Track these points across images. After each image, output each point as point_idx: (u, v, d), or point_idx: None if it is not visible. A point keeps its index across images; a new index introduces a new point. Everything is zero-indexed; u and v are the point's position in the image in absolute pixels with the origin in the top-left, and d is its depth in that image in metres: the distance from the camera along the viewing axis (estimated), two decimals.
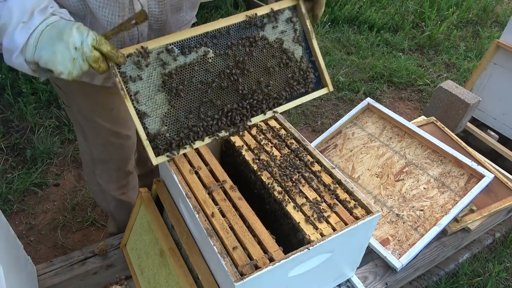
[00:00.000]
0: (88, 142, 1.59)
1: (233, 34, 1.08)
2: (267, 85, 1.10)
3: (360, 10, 4.62)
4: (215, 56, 1.06)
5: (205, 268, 1.15)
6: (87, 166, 1.72)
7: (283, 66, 1.11)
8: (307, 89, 1.15)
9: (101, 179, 1.71)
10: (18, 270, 1.34)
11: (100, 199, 1.83)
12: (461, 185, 1.76)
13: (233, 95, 1.07)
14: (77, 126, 1.59)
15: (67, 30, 0.89)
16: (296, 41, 1.13)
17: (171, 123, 1.04)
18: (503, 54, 2.61)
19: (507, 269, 2.25)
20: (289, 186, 1.22)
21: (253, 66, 1.09)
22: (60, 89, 1.44)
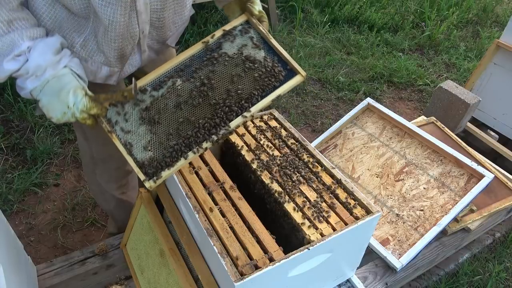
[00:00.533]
0: (88, 141, 1.59)
1: (196, 61, 1.20)
2: (236, 90, 1.17)
3: (360, 10, 4.62)
4: (182, 83, 1.17)
5: (205, 268, 1.15)
6: (87, 166, 1.72)
7: (248, 71, 1.18)
8: (279, 80, 1.21)
9: (101, 179, 1.71)
10: (18, 270, 1.34)
11: (100, 199, 1.83)
12: (461, 185, 1.76)
13: (207, 109, 1.15)
14: (76, 126, 1.60)
15: (65, 91, 1.07)
16: (255, 47, 1.21)
17: (155, 148, 1.13)
18: (503, 54, 2.61)
19: (507, 269, 2.25)
20: (289, 186, 1.22)
21: (219, 79, 1.18)
22: None
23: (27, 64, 1.05)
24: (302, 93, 3.47)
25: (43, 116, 2.73)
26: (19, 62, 1.05)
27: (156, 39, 1.29)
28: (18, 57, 1.04)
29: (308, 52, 3.92)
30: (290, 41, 4.07)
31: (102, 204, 1.89)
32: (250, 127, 1.43)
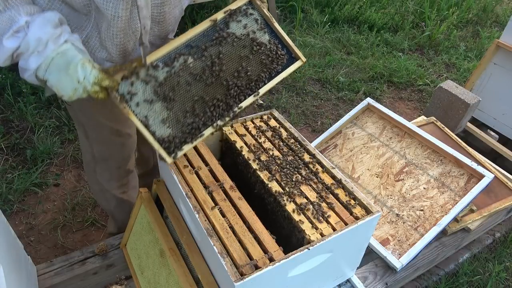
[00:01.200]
0: (89, 140, 1.60)
1: (204, 39, 1.21)
2: (246, 72, 1.23)
3: (360, 10, 4.62)
4: (194, 61, 1.19)
5: (205, 268, 1.15)
6: (88, 165, 1.73)
7: (255, 53, 1.24)
8: (282, 66, 1.28)
9: (102, 178, 1.71)
10: (18, 270, 1.34)
11: (100, 198, 1.83)
12: (461, 185, 1.76)
13: (219, 89, 1.20)
14: (78, 125, 1.60)
15: (73, 65, 1.03)
16: (260, 29, 1.26)
17: (173, 124, 1.15)
18: (503, 54, 2.61)
19: (507, 269, 2.25)
20: (289, 186, 1.22)
21: (229, 60, 1.22)
22: None
23: (27, 38, 1.01)
24: (302, 93, 3.47)
25: (43, 116, 2.73)
26: (19, 39, 1.02)
27: (157, 34, 1.30)
28: (17, 34, 1.01)
29: (308, 52, 3.92)
30: None
31: (102, 204, 1.89)
32: (250, 127, 1.43)
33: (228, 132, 1.40)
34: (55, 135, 2.65)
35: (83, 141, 1.63)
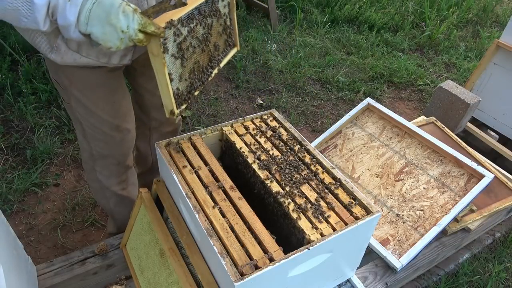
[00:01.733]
0: (87, 138, 1.59)
1: (204, 7, 1.31)
2: (219, 45, 1.40)
3: (360, 10, 4.63)
4: (199, 26, 1.26)
5: (205, 268, 1.15)
6: (87, 164, 1.73)
7: (223, 31, 1.41)
8: (230, 49, 1.47)
9: (101, 175, 1.71)
10: (18, 270, 1.34)
11: (100, 196, 1.83)
12: (461, 185, 1.76)
13: (206, 55, 1.35)
14: (76, 124, 1.60)
15: (114, 14, 1.00)
16: (228, 13, 1.42)
17: (182, 82, 1.25)
18: (503, 54, 2.61)
19: (507, 269, 2.25)
20: (289, 186, 1.22)
21: (214, 32, 1.37)
22: (60, 85, 1.45)
23: None
24: (302, 93, 3.47)
25: (43, 116, 2.73)
26: None
27: None
28: None
29: (308, 52, 3.92)
30: (290, 41, 4.07)
31: (102, 202, 1.89)
32: (250, 127, 1.43)
33: (228, 132, 1.40)
34: (55, 135, 2.65)
35: (82, 140, 1.63)
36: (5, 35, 3.04)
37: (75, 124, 1.61)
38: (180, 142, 1.33)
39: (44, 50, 1.27)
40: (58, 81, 1.45)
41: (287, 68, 3.66)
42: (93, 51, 1.29)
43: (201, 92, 3.22)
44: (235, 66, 3.57)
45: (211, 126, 1.44)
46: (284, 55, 3.83)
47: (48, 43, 1.25)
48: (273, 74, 3.58)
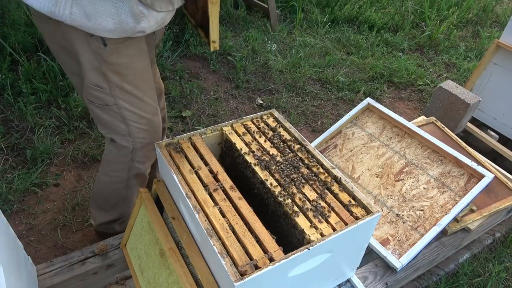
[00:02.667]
0: (132, 135, 1.58)
1: None
2: None
3: (360, 10, 4.63)
4: None
5: (205, 268, 1.15)
6: (121, 160, 1.68)
7: None
8: None
9: (140, 164, 1.71)
10: (18, 270, 1.34)
11: (120, 186, 1.79)
12: (461, 185, 1.76)
13: None
14: (117, 126, 1.56)
15: None
16: None
17: None
18: (503, 54, 2.62)
19: (507, 269, 2.25)
20: (289, 186, 1.22)
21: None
22: (104, 90, 1.45)
23: None
24: (302, 93, 3.47)
25: (43, 116, 2.74)
26: None
27: None
28: None
29: (308, 52, 3.92)
30: (290, 41, 4.07)
31: (118, 192, 1.83)
32: (250, 127, 1.43)
33: (228, 132, 1.40)
34: (55, 135, 2.65)
35: (120, 139, 1.61)
36: (5, 35, 3.04)
37: (114, 128, 1.58)
38: (180, 142, 1.33)
39: (132, 26, 1.31)
40: (102, 87, 1.44)
41: (287, 68, 3.66)
42: (163, 2, 1.36)
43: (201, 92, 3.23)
44: (235, 66, 3.58)
45: (211, 126, 1.44)
46: (284, 55, 3.83)
47: (132, 15, 1.28)
48: (273, 74, 3.58)
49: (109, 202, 1.89)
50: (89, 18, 1.24)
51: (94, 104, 1.51)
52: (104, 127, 1.60)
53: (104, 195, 1.88)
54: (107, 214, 1.94)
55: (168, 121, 2.93)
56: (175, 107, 3.07)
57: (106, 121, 1.57)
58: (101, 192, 1.88)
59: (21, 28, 3.10)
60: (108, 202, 1.89)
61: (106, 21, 1.25)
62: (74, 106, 2.80)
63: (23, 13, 3.20)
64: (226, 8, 4.20)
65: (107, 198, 1.88)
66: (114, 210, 1.93)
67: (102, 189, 1.86)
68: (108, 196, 1.87)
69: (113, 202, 1.89)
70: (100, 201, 1.91)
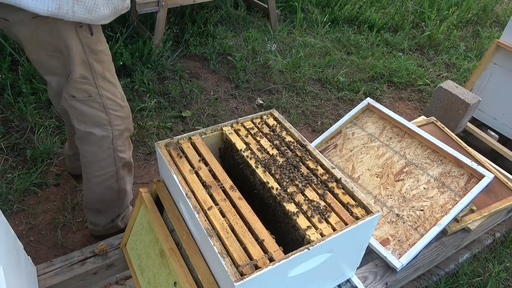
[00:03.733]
0: (112, 122, 1.64)
1: None
2: None
3: (360, 10, 4.63)
4: None
5: (205, 268, 1.15)
6: (105, 150, 1.71)
7: None
8: None
9: (124, 153, 1.76)
10: (18, 270, 1.34)
11: (112, 180, 1.81)
12: (461, 185, 1.76)
13: None
14: (100, 117, 1.61)
15: None
16: None
17: None
18: (503, 54, 2.62)
19: (507, 269, 2.25)
20: (289, 186, 1.22)
21: None
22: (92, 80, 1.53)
23: None
24: (302, 93, 3.47)
25: (43, 116, 2.74)
26: None
27: None
28: None
29: (308, 52, 3.92)
30: (290, 41, 4.07)
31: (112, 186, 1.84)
32: (250, 127, 1.43)
33: (228, 132, 1.40)
34: (55, 135, 2.65)
35: (101, 131, 1.65)
36: (6, 35, 3.04)
37: (95, 119, 1.62)
38: (180, 142, 1.33)
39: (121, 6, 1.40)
40: (88, 78, 1.51)
41: (287, 68, 3.66)
42: None
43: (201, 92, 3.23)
44: (235, 66, 3.58)
45: (211, 126, 1.44)
46: (284, 55, 3.83)
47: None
48: (273, 74, 3.58)
49: (106, 202, 1.89)
50: (90, 12, 1.33)
51: (77, 99, 1.55)
52: (84, 122, 1.63)
53: (99, 197, 1.86)
54: (107, 214, 1.94)
55: (168, 121, 2.93)
56: (175, 107, 3.07)
57: (88, 114, 1.61)
58: (95, 197, 1.87)
59: None
60: (105, 203, 1.89)
61: (103, 9, 1.35)
62: None
63: None
64: (226, 8, 4.20)
65: (103, 199, 1.87)
66: (113, 207, 1.93)
67: (95, 193, 1.85)
68: (103, 196, 1.86)
69: (110, 199, 1.88)
70: (97, 205, 1.90)
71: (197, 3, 3.58)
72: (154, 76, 3.27)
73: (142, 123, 2.85)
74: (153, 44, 3.34)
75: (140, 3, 3.13)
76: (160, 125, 2.87)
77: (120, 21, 3.50)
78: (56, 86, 1.59)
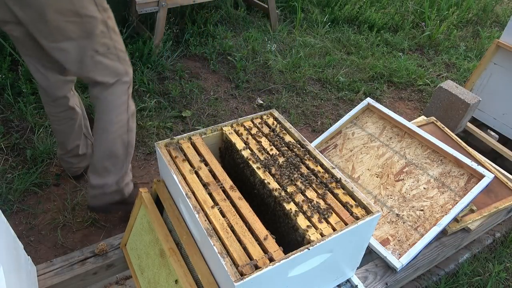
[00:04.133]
0: (125, 65, 1.81)
1: None
2: None
3: (360, 10, 4.63)
4: None
5: (205, 268, 1.15)
6: (122, 104, 1.85)
7: None
8: None
9: (132, 101, 1.92)
10: (18, 270, 1.34)
11: (125, 130, 1.93)
12: (461, 185, 1.76)
13: None
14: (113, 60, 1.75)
15: None
16: None
17: None
18: (503, 54, 2.62)
19: (507, 269, 2.25)
20: (289, 186, 1.22)
21: None
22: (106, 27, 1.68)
23: None
24: (302, 93, 3.47)
25: (43, 116, 2.74)
26: None
27: None
28: None
29: (308, 52, 3.92)
30: (290, 41, 4.07)
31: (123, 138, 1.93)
32: (250, 127, 1.43)
33: (228, 132, 1.40)
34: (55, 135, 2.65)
35: (119, 69, 1.79)
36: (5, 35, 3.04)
37: (116, 69, 1.76)
38: (180, 142, 1.33)
39: None
40: (105, 32, 1.66)
41: (287, 68, 3.66)
42: None
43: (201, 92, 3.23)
44: (235, 66, 3.57)
45: (211, 126, 1.44)
46: (284, 55, 3.83)
47: None
48: (273, 74, 3.58)
49: (115, 157, 1.92)
50: None
51: (100, 53, 1.69)
52: (109, 74, 1.77)
53: (110, 150, 1.90)
54: (115, 172, 1.96)
55: (168, 121, 2.93)
56: (175, 107, 3.07)
57: (110, 66, 1.75)
58: (107, 150, 1.90)
59: None
60: (114, 159, 1.92)
61: None
62: None
63: None
64: (226, 8, 4.20)
65: (113, 154, 1.91)
66: (120, 163, 1.96)
67: (107, 145, 1.88)
68: (113, 149, 1.90)
69: (119, 154, 1.92)
70: (106, 162, 1.92)
71: (197, 3, 3.58)
72: (154, 76, 3.27)
73: (142, 123, 2.85)
74: (153, 44, 3.34)
75: (140, 3, 3.13)
76: (160, 125, 2.87)
77: (120, 21, 3.50)
78: (75, 52, 1.70)
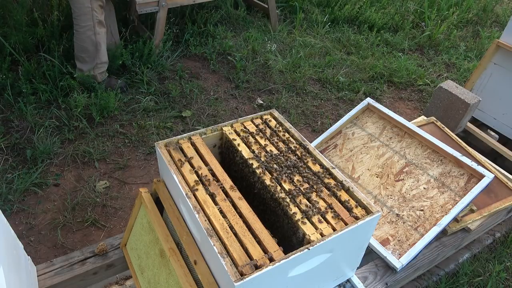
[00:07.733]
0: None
1: None
2: None
3: (360, 10, 4.63)
4: None
5: (205, 268, 1.15)
6: (86, 13, 2.72)
7: None
8: None
9: (99, 14, 2.79)
10: (18, 270, 1.34)
11: (92, 33, 2.81)
12: (461, 185, 1.76)
13: None
14: None
15: None
16: None
17: None
18: (503, 54, 2.62)
19: (507, 269, 2.25)
20: (289, 186, 1.22)
21: None
22: None
23: None
24: (302, 93, 3.47)
25: (43, 116, 2.74)
26: None
27: None
28: None
29: (308, 52, 3.92)
30: (290, 41, 4.07)
31: (86, 45, 2.84)
32: (250, 127, 1.43)
33: (228, 132, 1.40)
34: (55, 135, 2.65)
35: None
36: (6, 35, 3.04)
37: None
38: (180, 142, 1.33)
39: None
40: None
41: (287, 68, 3.66)
42: None
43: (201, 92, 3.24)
44: (235, 66, 3.57)
45: (211, 126, 1.44)
46: (284, 55, 3.83)
47: None
48: (273, 74, 3.58)
49: (87, 52, 2.84)
50: None
51: None
52: None
53: (83, 46, 2.82)
54: (89, 63, 2.90)
55: (168, 121, 2.93)
56: (175, 107, 3.07)
57: None
58: (81, 46, 2.84)
59: (22, 29, 3.10)
60: (86, 53, 2.85)
61: None
62: (74, 106, 2.80)
63: (25, 14, 3.20)
64: (226, 8, 4.20)
65: (85, 49, 2.83)
66: (92, 57, 2.87)
67: (80, 42, 2.82)
68: (85, 45, 2.82)
69: (90, 50, 2.83)
70: (82, 54, 2.86)
71: (197, 3, 3.58)
72: (154, 76, 3.27)
73: (142, 123, 2.85)
74: (153, 44, 3.34)
75: (140, 3, 3.13)
76: (160, 125, 2.87)
77: (120, 21, 3.50)
78: None
